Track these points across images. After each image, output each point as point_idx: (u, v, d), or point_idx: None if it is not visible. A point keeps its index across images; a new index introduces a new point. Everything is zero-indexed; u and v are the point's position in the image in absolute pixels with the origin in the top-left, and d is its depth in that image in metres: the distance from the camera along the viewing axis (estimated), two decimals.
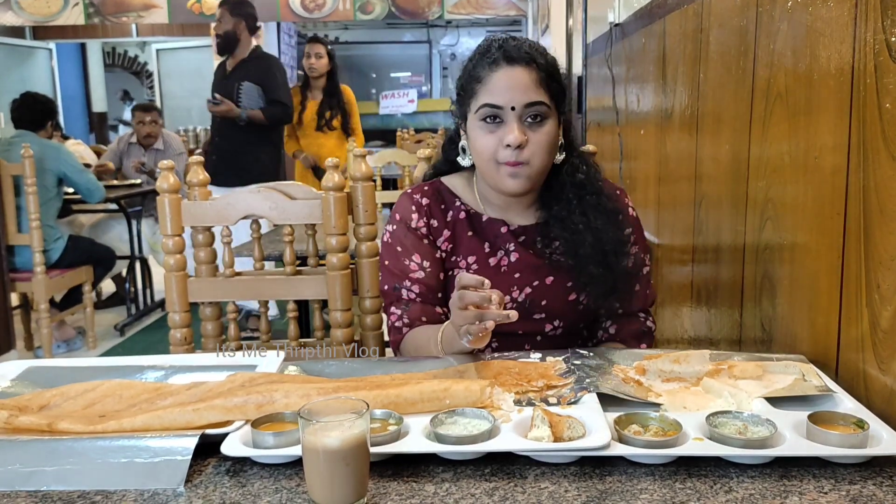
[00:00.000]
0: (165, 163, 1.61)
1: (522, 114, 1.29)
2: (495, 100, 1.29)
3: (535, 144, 1.30)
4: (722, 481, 0.85)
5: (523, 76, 1.29)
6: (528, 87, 1.29)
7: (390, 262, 1.41)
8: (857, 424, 0.92)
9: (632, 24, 2.79)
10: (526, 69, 1.29)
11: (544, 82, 1.30)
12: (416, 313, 1.39)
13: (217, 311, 1.73)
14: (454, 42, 11.19)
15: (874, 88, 1.02)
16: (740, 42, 1.56)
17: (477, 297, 1.09)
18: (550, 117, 1.31)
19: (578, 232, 1.36)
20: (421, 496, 0.83)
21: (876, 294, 1.01)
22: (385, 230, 1.44)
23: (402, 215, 1.42)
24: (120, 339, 4.35)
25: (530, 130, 1.30)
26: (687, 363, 1.13)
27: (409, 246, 1.40)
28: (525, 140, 1.29)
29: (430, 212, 1.42)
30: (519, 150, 1.29)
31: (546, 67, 1.31)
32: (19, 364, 1.24)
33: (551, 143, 1.32)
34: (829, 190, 1.15)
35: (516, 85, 1.29)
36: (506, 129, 1.29)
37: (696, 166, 1.91)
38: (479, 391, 1.01)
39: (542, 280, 1.40)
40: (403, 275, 1.39)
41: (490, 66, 1.31)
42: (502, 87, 1.29)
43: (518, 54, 1.30)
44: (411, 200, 1.43)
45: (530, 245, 1.41)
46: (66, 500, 0.84)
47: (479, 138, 1.32)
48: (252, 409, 0.98)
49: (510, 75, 1.29)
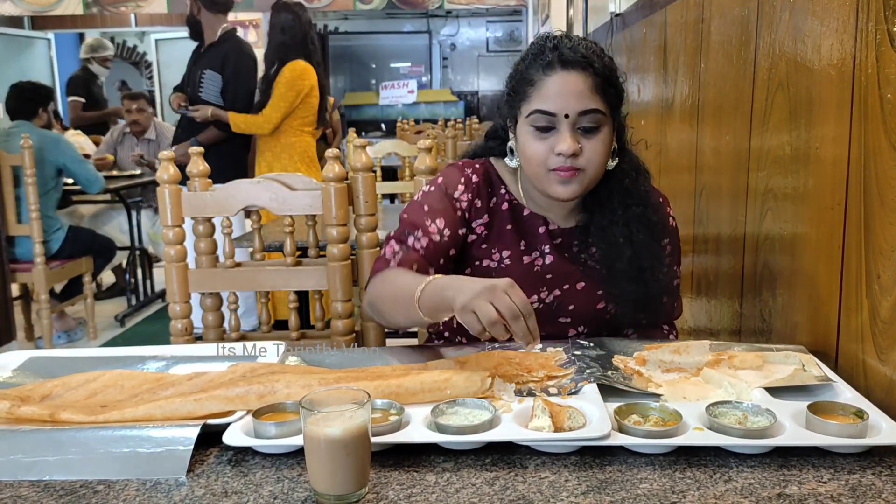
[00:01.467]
0: (165, 153, 1.61)
1: (576, 121, 1.23)
2: (548, 106, 1.23)
3: (589, 152, 1.24)
4: (721, 471, 0.85)
5: (578, 82, 1.22)
6: (584, 94, 1.22)
7: (410, 215, 1.34)
8: (857, 414, 0.92)
9: (633, 15, 2.78)
10: (582, 74, 1.22)
11: (600, 88, 1.23)
12: (411, 259, 1.29)
13: (217, 301, 1.73)
14: (454, 32, 11.15)
15: (875, 79, 1.02)
16: (741, 32, 1.56)
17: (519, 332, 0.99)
18: (605, 125, 1.25)
19: (617, 244, 1.31)
20: (422, 485, 0.83)
21: (876, 284, 1.02)
22: (421, 189, 1.39)
23: (447, 183, 1.36)
24: (120, 330, 4.36)
25: (584, 138, 1.24)
26: (687, 353, 1.14)
27: (438, 210, 1.33)
28: (579, 149, 1.23)
29: (478, 191, 1.35)
30: (573, 157, 1.23)
31: (603, 71, 1.24)
32: (20, 354, 1.25)
33: (606, 152, 1.27)
34: (829, 180, 1.15)
35: (571, 91, 1.22)
36: (558, 137, 1.23)
37: (697, 157, 1.90)
38: (479, 381, 1.01)
39: (573, 285, 1.36)
40: (418, 228, 1.32)
41: (544, 70, 1.24)
42: (556, 93, 1.22)
43: (574, 58, 1.22)
44: (462, 173, 1.37)
45: (566, 248, 1.37)
46: (68, 490, 0.84)
47: (529, 143, 1.26)
48: (253, 399, 0.98)
49: (565, 80, 1.22)
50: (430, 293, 1.09)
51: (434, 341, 1.51)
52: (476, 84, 11.16)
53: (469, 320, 1.00)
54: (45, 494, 0.83)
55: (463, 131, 5.36)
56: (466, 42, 11.18)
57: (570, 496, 0.80)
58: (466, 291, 1.01)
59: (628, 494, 0.80)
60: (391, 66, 11.11)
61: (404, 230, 1.33)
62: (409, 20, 11.03)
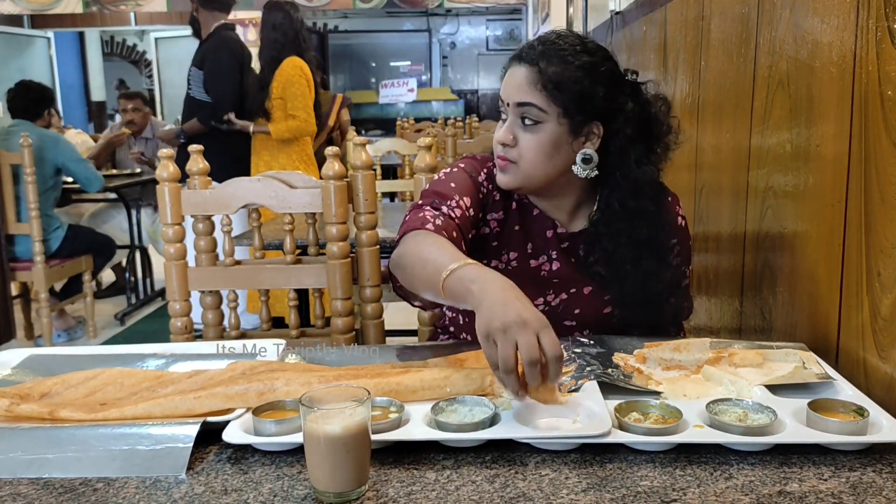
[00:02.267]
0: (165, 151, 1.61)
1: (516, 111, 1.26)
2: (502, 93, 1.28)
3: (522, 147, 1.26)
4: (722, 468, 0.85)
5: (520, 74, 1.25)
6: (521, 87, 1.24)
7: (438, 188, 1.30)
8: (857, 412, 0.92)
9: (632, 13, 2.78)
10: (527, 68, 1.24)
11: (540, 84, 1.22)
12: (450, 227, 1.23)
13: (217, 299, 1.73)
14: (454, 31, 11.15)
15: (876, 76, 1.02)
16: (742, 30, 1.56)
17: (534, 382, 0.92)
18: (547, 122, 1.24)
19: (626, 272, 1.29)
20: (422, 483, 0.83)
21: (876, 282, 1.01)
22: (439, 174, 1.37)
23: (468, 168, 1.36)
24: (120, 329, 4.35)
25: (521, 130, 1.26)
26: (687, 351, 1.13)
27: (464, 188, 1.31)
28: (510, 138, 1.26)
29: (496, 186, 1.35)
30: (506, 147, 1.26)
31: (552, 69, 1.22)
32: (20, 352, 1.24)
33: (541, 149, 1.25)
34: (830, 178, 1.15)
35: (513, 82, 1.26)
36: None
37: (697, 155, 1.90)
38: (479, 379, 1.01)
39: (580, 289, 1.35)
40: (448, 198, 1.28)
41: (510, 61, 1.29)
42: (505, 82, 1.28)
43: (528, 53, 1.25)
44: (483, 165, 1.37)
45: (573, 253, 1.35)
46: (67, 488, 0.84)
47: None
48: (253, 396, 0.98)
49: (513, 72, 1.27)
50: (457, 279, 1.02)
51: (438, 337, 1.51)
52: (476, 82, 11.16)
53: (489, 353, 0.93)
54: (45, 492, 0.83)
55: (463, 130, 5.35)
56: (466, 40, 11.18)
57: (571, 493, 0.80)
58: (496, 313, 0.92)
59: (629, 492, 0.80)
60: (391, 64, 11.11)
61: (434, 200, 1.28)
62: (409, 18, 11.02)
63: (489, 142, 1.51)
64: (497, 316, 0.92)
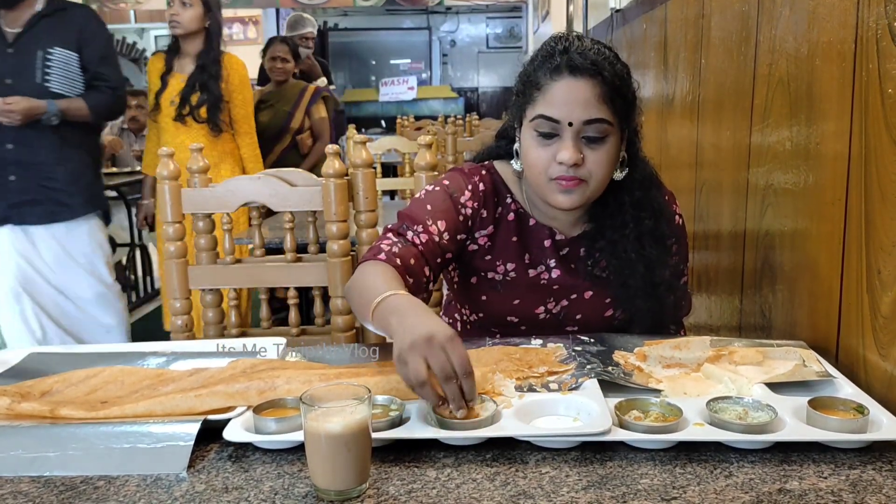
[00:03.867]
0: (165, 150, 1.61)
1: (581, 130, 1.18)
2: (552, 113, 1.18)
3: (592, 164, 1.19)
4: (722, 466, 0.85)
5: (585, 90, 1.17)
6: (590, 103, 1.17)
7: (411, 211, 1.29)
8: (857, 410, 0.92)
9: (633, 10, 2.78)
10: (590, 82, 1.17)
11: (608, 97, 1.17)
12: (410, 253, 1.22)
13: (218, 298, 1.73)
14: (454, 28, 11.14)
15: (876, 74, 1.02)
16: (742, 28, 1.56)
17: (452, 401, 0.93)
18: (612, 135, 1.20)
19: (630, 260, 1.27)
20: (423, 481, 0.83)
21: (876, 280, 1.02)
22: (422, 189, 1.34)
23: (452, 187, 1.31)
24: None
25: (588, 148, 1.19)
26: (687, 349, 1.13)
27: (441, 211, 1.28)
28: (581, 159, 1.18)
29: (485, 201, 1.31)
30: (574, 167, 1.19)
31: (612, 80, 1.18)
32: (21, 350, 1.25)
33: (610, 163, 1.21)
34: (830, 176, 1.15)
35: (577, 99, 1.17)
36: (561, 146, 1.18)
37: (697, 153, 1.90)
38: (480, 377, 1.01)
39: (581, 294, 1.33)
40: (418, 223, 1.26)
41: (551, 74, 1.19)
42: (561, 100, 1.18)
43: (583, 63, 1.17)
44: (468, 181, 1.31)
45: (573, 259, 1.32)
46: (68, 486, 0.84)
47: (531, 150, 1.22)
48: (254, 394, 0.98)
49: (571, 87, 1.17)
50: (382, 311, 1.05)
51: None
52: (476, 80, 11.16)
53: (402, 373, 0.94)
54: (46, 490, 0.83)
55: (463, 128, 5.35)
56: (466, 38, 11.18)
57: (571, 491, 0.80)
58: (406, 335, 0.94)
59: (629, 490, 0.80)
60: (391, 62, 11.11)
61: (403, 224, 1.28)
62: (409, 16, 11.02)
63: (489, 139, 1.50)
64: (407, 336, 0.94)
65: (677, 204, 1.39)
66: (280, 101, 4.00)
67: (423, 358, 0.92)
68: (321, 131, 4.03)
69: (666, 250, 1.31)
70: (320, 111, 4.04)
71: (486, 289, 1.34)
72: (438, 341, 0.93)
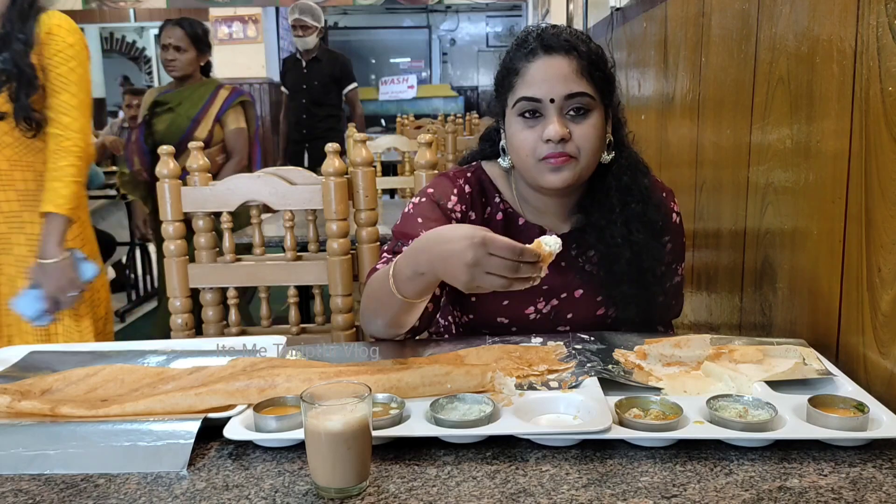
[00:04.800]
0: (165, 148, 1.61)
1: (563, 106, 1.19)
2: (533, 92, 1.19)
3: (579, 138, 1.19)
4: (722, 464, 0.85)
5: (563, 65, 1.19)
6: (569, 78, 1.18)
7: (403, 228, 1.29)
8: (857, 408, 0.92)
9: (633, 9, 2.78)
10: (566, 58, 1.19)
11: (587, 71, 1.19)
12: None
13: (218, 296, 1.73)
14: (454, 27, 11.15)
15: (877, 72, 1.02)
16: (742, 26, 1.56)
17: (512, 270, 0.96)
18: (595, 109, 1.21)
19: (616, 245, 1.26)
20: (423, 479, 0.83)
21: (877, 278, 1.02)
22: (409, 202, 1.32)
23: (438, 194, 1.30)
24: (120, 326, 4.36)
25: (573, 123, 1.19)
26: (688, 347, 1.14)
27: (431, 220, 1.27)
28: (567, 133, 1.18)
29: (472, 202, 1.31)
30: (562, 143, 1.18)
31: (589, 55, 1.20)
32: (21, 349, 1.25)
33: (598, 137, 1.21)
34: (830, 174, 1.15)
35: (555, 75, 1.18)
36: (546, 124, 1.19)
37: (698, 151, 1.90)
38: (480, 375, 1.01)
39: (571, 293, 1.32)
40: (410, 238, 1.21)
41: (527, 57, 1.21)
42: (540, 79, 1.19)
43: (557, 42, 1.20)
44: (453, 185, 1.31)
45: (563, 256, 1.28)
46: (69, 484, 0.84)
47: (517, 134, 1.22)
48: (254, 393, 0.98)
49: (549, 65, 1.19)
50: (402, 275, 1.07)
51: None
52: (476, 79, 11.17)
53: (483, 290, 0.98)
54: (46, 488, 0.83)
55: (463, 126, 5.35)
56: (466, 37, 11.18)
57: (571, 489, 0.80)
58: (455, 270, 0.97)
59: (629, 487, 0.80)
60: (391, 61, 11.11)
61: (398, 242, 1.28)
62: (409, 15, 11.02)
63: None
64: (457, 270, 0.97)
65: (676, 202, 1.38)
66: (182, 104, 3.09)
67: (483, 271, 0.95)
68: (235, 146, 3.11)
69: (655, 237, 1.29)
70: (237, 120, 3.13)
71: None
72: (482, 255, 0.94)
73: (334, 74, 5.05)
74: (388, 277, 1.09)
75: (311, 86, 5.01)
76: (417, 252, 1.04)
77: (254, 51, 7.70)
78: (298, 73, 5.03)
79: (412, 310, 1.14)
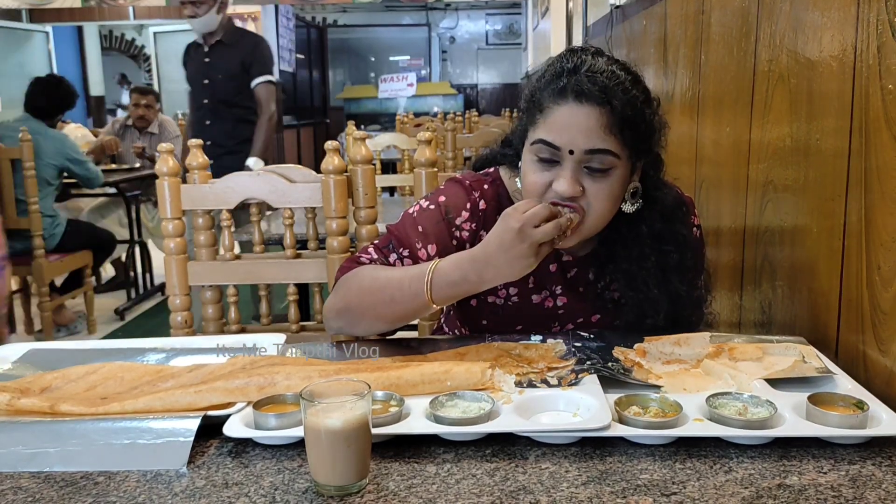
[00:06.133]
0: (165, 145, 1.61)
1: (582, 160, 1.10)
2: (553, 138, 1.10)
3: (591, 196, 1.11)
4: (722, 462, 0.85)
5: (590, 118, 1.08)
6: (593, 132, 1.08)
7: (401, 230, 1.24)
8: (857, 405, 0.92)
9: (633, 7, 2.77)
10: (596, 110, 1.08)
11: (616, 127, 1.08)
12: None
13: (217, 294, 1.73)
14: (453, 25, 11.14)
15: (877, 70, 1.01)
16: (742, 23, 1.55)
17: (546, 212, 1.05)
18: (617, 167, 1.11)
19: (652, 298, 1.20)
20: (422, 476, 0.83)
21: (876, 276, 1.02)
22: (417, 203, 1.27)
23: (449, 205, 1.23)
24: (120, 324, 4.36)
25: (589, 178, 1.11)
26: (687, 345, 1.14)
27: (433, 234, 1.22)
28: (580, 190, 1.10)
29: (485, 220, 1.22)
30: (571, 199, 1.11)
31: (623, 109, 1.08)
32: (20, 347, 1.24)
33: (612, 198, 1.13)
34: (830, 172, 1.15)
35: (580, 127, 1.08)
36: (559, 174, 1.11)
37: (697, 149, 1.90)
38: (479, 373, 1.01)
39: (588, 318, 1.28)
40: (406, 247, 1.23)
41: (555, 97, 1.10)
42: (563, 126, 1.09)
43: (590, 89, 1.08)
44: (468, 197, 1.24)
45: (581, 282, 1.26)
46: (68, 482, 0.84)
47: (529, 174, 1.14)
48: (254, 390, 0.98)
49: (575, 113, 1.08)
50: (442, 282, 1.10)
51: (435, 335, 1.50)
52: (475, 77, 11.16)
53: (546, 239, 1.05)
54: (46, 486, 0.83)
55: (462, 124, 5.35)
56: (466, 35, 11.18)
57: (571, 487, 0.80)
58: (510, 264, 1.06)
59: (629, 485, 0.80)
60: (390, 59, 11.11)
61: (390, 242, 1.23)
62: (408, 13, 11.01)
63: (489, 136, 1.49)
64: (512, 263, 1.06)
65: (696, 214, 1.32)
66: None
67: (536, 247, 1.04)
68: None
69: (692, 286, 1.24)
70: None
71: (486, 313, 1.29)
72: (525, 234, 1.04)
73: (245, 63, 3.64)
74: (409, 279, 1.11)
75: (215, 80, 3.68)
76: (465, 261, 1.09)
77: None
78: (199, 64, 3.73)
79: (425, 313, 1.15)
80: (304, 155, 9.11)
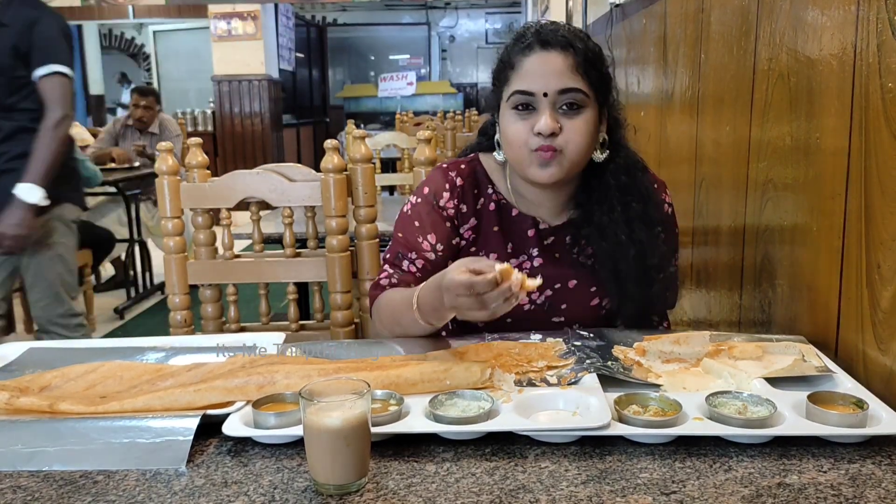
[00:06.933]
0: (164, 144, 1.61)
1: (556, 101, 1.21)
2: (527, 85, 1.22)
3: (569, 132, 1.21)
4: (721, 460, 0.85)
5: (558, 61, 1.21)
6: (563, 73, 1.21)
7: (404, 234, 1.33)
8: (857, 404, 0.92)
9: (632, 5, 2.77)
10: (561, 53, 1.21)
11: (582, 68, 1.21)
12: (406, 281, 1.30)
13: (217, 293, 1.73)
14: (453, 24, 11.14)
15: (876, 68, 1.01)
16: (742, 22, 1.55)
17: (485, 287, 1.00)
18: (588, 106, 1.23)
19: (620, 244, 1.28)
20: (422, 475, 0.83)
21: (876, 275, 1.01)
22: (408, 200, 1.36)
23: (432, 190, 1.34)
24: (119, 322, 4.36)
25: (565, 118, 1.21)
26: (687, 344, 1.13)
27: (429, 224, 1.32)
28: (558, 127, 1.20)
29: (463, 195, 1.33)
30: (552, 137, 1.21)
31: (585, 52, 1.22)
32: (20, 345, 1.25)
33: (588, 133, 1.23)
34: (830, 171, 1.15)
35: (550, 70, 1.21)
36: (537, 117, 1.21)
37: (697, 148, 1.90)
38: (479, 372, 1.01)
39: (565, 283, 1.33)
40: (412, 249, 1.32)
41: (523, 51, 1.23)
42: (535, 73, 1.22)
43: (553, 38, 1.22)
44: (445, 178, 1.34)
45: (557, 248, 1.34)
46: (68, 480, 0.84)
47: (509, 126, 1.24)
48: (253, 389, 0.98)
49: (544, 60, 1.21)
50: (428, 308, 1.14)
51: None
52: (475, 76, 11.16)
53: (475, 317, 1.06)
54: (45, 485, 0.83)
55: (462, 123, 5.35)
56: (465, 34, 11.17)
57: (570, 485, 0.80)
58: (448, 306, 1.07)
59: (628, 484, 0.80)
60: (390, 58, 11.10)
61: (398, 252, 1.32)
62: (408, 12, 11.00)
63: None
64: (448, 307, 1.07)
65: (668, 193, 1.39)
66: None
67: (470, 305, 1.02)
68: None
69: (655, 235, 1.32)
70: None
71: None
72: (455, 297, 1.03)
73: (20, 50, 2.49)
74: (411, 307, 1.16)
75: None
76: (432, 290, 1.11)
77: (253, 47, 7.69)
78: None
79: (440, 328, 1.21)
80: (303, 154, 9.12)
